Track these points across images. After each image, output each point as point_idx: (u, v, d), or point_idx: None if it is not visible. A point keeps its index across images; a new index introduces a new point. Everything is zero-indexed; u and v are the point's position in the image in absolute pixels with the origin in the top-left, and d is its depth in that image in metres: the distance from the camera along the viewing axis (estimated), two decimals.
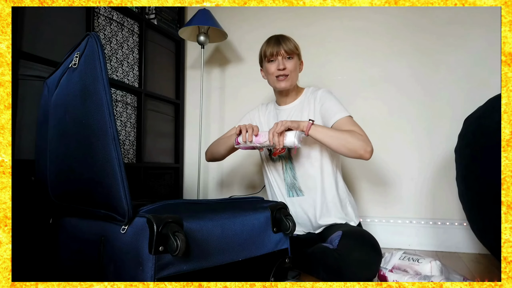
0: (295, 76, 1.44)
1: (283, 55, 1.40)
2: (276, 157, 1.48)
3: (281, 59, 1.40)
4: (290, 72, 1.40)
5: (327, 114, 1.38)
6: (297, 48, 1.44)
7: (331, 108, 1.38)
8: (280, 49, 1.39)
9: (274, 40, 1.41)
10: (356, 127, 1.31)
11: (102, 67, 0.88)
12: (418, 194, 1.85)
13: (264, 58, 1.44)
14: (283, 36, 1.43)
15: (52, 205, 1.15)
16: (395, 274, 1.14)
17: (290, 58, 1.41)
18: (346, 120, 1.34)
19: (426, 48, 1.85)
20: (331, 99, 1.41)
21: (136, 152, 1.89)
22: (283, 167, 1.47)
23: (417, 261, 1.18)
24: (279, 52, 1.39)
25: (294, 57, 1.42)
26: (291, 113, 1.48)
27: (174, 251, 0.79)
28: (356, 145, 1.24)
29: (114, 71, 1.76)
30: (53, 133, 1.08)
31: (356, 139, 1.25)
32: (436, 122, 1.82)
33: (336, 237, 1.22)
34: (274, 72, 1.41)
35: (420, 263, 1.16)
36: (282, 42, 1.40)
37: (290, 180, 1.46)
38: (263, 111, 1.60)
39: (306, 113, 1.44)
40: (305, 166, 1.42)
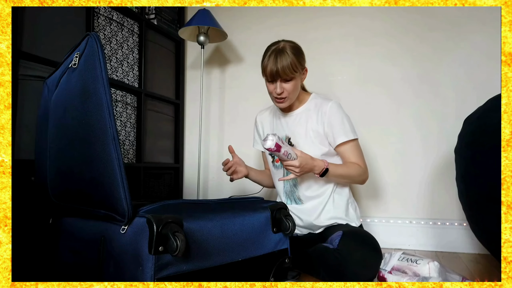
0: (294, 96, 1.38)
1: (281, 79, 1.32)
2: (278, 164, 1.47)
3: (279, 83, 1.32)
4: (289, 93, 1.34)
5: (333, 133, 1.37)
6: (297, 66, 1.31)
7: (338, 127, 1.36)
8: (278, 73, 1.29)
9: (273, 59, 1.30)
10: (359, 157, 1.39)
11: (102, 67, 0.88)
12: (418, 194, 1.85)
13: (263, 75, 1.36)
14: (282, 52, 1.30)
15: (52, 205, 1.15)
16: (394, 275, 1.14)
17: (289, 80, 1.33)
18: (351, 146, 1.37)
19: (426, 48, 1.85)
20: (339, 117, 1.37)
21: (136, 152, 1.89)
22: (284, 174, 1.45)
23: (415, 262, 1.18)
24: (277, 76, 1.30)
25: (294, 77, 1.33)
26: (295, 121, 1.44)
27: (174, 251, 0.79)
28: (357, 180, 1.40)
29: (114, 71, 1.76)
30: (53, 133, 1.08)
31: (358, 174, 1.37)
32: (436, 123, 1.82)
33: (337, 237, 1.22)
34: (273, 93, 1.35)
35: (418, 264, 1.16)
36: (279, 63, 1.28)
37: (289, 188, 1.45)
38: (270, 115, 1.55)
39: (310, 125, 1.40)
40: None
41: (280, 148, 1.19)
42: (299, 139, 1.41)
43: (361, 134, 1.89)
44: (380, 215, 1.88)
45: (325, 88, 1.97)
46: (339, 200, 1.42)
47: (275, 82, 1.33)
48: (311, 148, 1.38)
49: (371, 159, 1.90)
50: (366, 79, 1.94)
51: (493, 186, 1.13)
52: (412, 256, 1.22)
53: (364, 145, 1.89)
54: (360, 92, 1.94)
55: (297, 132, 1.42)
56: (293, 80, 1.33)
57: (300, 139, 1.41)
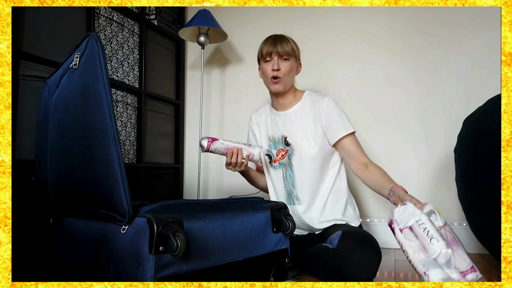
0: (289, 79, 1.39)
1: (279, 56, 1.36)
2: (276, 163, 1.46)
3: (276, 59, 1.36)
4: (284, 74, 1.36)
5: (332, 129, 1.37)
6: (295, 50, 1.39)
7: (337, 123, 1.37)
8: (276, 49, 1.35)
9: (272, 40, 1.38)
10: (361, 150, 1.40)
11: (102, 67, 0.88)
12: (417, 194, 1.83)
13: (260, 57, 1.41)
14: (282, 36, 1.39)
15: (53, 205, 1.15)
16: (402, 237, 1.03)
17: (286, 59, 1.37)
18: (352, 140, 1.38)
19: (426, 48, 1.85)
20: (336, 112, 1.38)
21: (137, 152, 1.89)
22: (283, 174, 1.44)
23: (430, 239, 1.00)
24: (275, 52, 1.35)
25: (291, 59, 1.37)
26: (290, 120, 1.43)
27: (174, 251, 0.79)
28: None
29: (114, 71, 1.77)
30: (54, 133, 1.08)
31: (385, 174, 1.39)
32: (436, 123, 1.82)
33: (336, 237, 1.22)
34: (269, 73, 1.37)
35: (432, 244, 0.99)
36: (279, 42, 1.36)
37: (288, 188, 1.44)
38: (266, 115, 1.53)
39: (306, 123, 1.40)
40: (306, 174, 1.39)
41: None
42: (296, 138, 1.41)
43: (361, 134, 1.89)
44: (380, 215, 1.88)
45: (327, 88, 1.97)
46: (338, 200, 1.41)
47: (271, 59, 1.37)
48: (308, 147, 1.38)
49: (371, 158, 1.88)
50: (366, 79, 1.94)
51: (493, 186, 1.13)
52: (433, 229, 1.02)
53: (364, 145, 1.88)
54: (360, 92, 1.94)
55: (293, 131, 1.41)
56: (290, 60, 1.37)
57: (297, 138, 1.41)
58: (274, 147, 1.47)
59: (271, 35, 1.41)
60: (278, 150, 1.45)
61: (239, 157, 1.34)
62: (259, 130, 1.53)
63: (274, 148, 1.47)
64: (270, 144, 1.48)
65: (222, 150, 1.34)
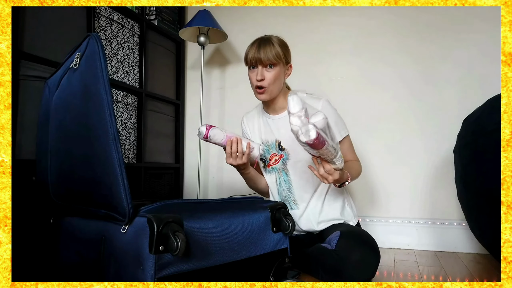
0: (276, 87, 1.32)
1: (263, 65, 1.28)
2: (270, 168, 1.43)
3: (260, 69, 1.28)
4: (269, 84, 1.29)
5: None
6: (280, 56, 1.28)
7: (334, 127, 1.32)
8: (259, 56, 1.27)
9: (256, 46, 1.29)
10: (353, 152, 1.41)
11: (103, 67, 0.88)
12: (417, 194, 1.85)
13: (245, 63, 1.34)
14: (267, 40, 1.30)
15: (53, 205, 1.15)
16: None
17: (271, 66, 1.29)
18: (346, 143, 1.39)
19: (425, 48, 1.85)
20: (333, 116, 1.33)
21: (137, 152, 1.90)
22: (277, 179, 1.42)
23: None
24: (258, 60, 1.27)
25: (276, 66, 1.29)
26: (284, 124, 1.36)
27: (174, 250, 0.80)
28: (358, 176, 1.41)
29: (114, 71, 1.77)
30: (54, 133, 1.08)
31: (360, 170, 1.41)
32: (435, 123, 1.83)
33: (335, 237, 1.22)
34: (254, 83, 1.31)
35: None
36: (262, 48, 1.27)
37: (284, 193, 1.41)
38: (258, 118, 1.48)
39: None
40: (302, 179, 1.37)
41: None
42: (290, 142, 1.35)
43: (361, 134, 1.89)
44: (380, 215, 1.88)
45: (326, 89, 1.97)
46: (336, 199, 1.40)
47: (256, 68, 1.30)
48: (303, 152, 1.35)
49: (370, 158, 1.90)
50: (365, 79, 1.94)
51: (493, 186, 1.13)
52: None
53: (364, 145, 1.89)
54: (360, 92, 1.94)
55: (288, 136, 1.35)
56: (275, 68, 1.29)
57: (292, 142, 1.34)
58: (267, 151, 1.42)
59: (257, 38, 1.33)
60: (272, 155, 1.41)
61: (239, 146, 1.29)
62: (252, 133, 1.48)
63: (267, 152, 1.42)
64: (263, 148, 1.44)
65: (221, 137, 1.29)
